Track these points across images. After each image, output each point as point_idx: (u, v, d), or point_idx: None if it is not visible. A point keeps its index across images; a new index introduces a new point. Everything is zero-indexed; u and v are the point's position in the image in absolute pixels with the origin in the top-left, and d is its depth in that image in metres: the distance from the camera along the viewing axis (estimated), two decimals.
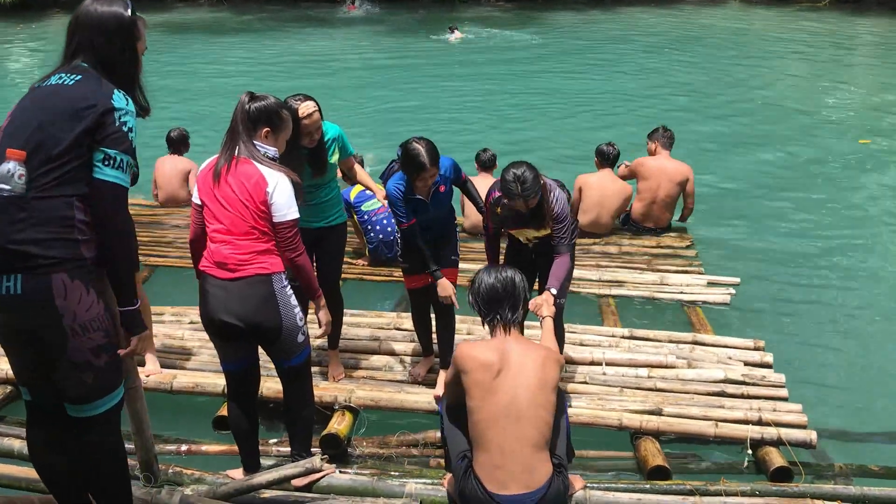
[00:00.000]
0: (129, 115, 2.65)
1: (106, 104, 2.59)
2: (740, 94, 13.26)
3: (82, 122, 2.56)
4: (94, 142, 2.58)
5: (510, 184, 3.79)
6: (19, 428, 4.06)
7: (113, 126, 2.59)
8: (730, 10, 22.83)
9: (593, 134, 10.08)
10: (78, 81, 2.63)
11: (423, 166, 3.93)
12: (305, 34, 20.18)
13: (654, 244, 6.84)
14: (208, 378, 4.42)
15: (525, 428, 3.03)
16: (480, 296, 3.33)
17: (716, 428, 4.00)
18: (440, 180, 4.15)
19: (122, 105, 2.63)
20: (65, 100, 2.59)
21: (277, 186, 3.20)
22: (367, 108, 12.37)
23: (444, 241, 4.33)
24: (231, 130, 3.28)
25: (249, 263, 3.19)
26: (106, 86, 2.65)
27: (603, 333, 5.04)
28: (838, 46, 17.79)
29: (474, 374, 3.09)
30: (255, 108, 3.27)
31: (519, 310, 3.32)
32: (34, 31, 20.67)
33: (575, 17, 22.03)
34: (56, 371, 2.69)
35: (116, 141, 2.60)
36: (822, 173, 9.35)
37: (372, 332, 5.04)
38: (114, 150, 2.60)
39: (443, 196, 4.22)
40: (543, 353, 3.21)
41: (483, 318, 3.33)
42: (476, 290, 3.36)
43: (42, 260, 2.53)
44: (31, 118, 2.60)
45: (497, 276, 3.35)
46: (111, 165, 2.60)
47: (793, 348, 5.22)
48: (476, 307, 3.37)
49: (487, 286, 3.32)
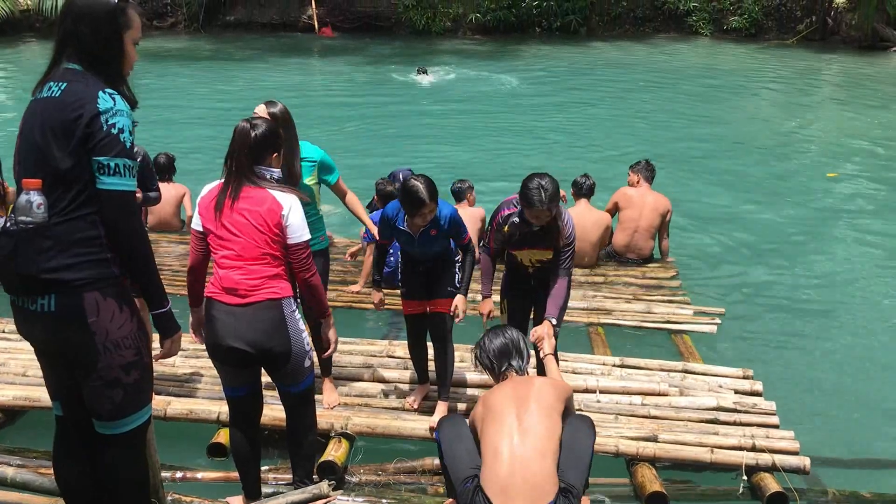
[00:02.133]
0: (118, 114, 2.56)
1: (91, 110, 2.52)
2: (713, 129, 13.53)
3: (75, 136, 2.51)
4: (89, 151, 2.53)
5: (533, 192, 3.81)
6: (9, 455, 4.01)
7: (101, 132, 2.52)
8: (701, 46, 23.32)
9: (569, 166, 10.19)
10: (64, 90, 2.57)
11: (422, 202, 3.91)
12: (282, 63, 20.25)
13: (639, 274, 6.92)
14: (202, 405, 4.38)
15: (530, 448, 3.13)
16: (490, 354, 3.55)
17: (711, 454, 4.04)
18: (433, 224, 4.09)
19: (109, 106, 2.55)
20: (55, 114, 2.54)
21: (292, 209, 3.21)
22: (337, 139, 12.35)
23: (440, 273, 4.33)
24: (234, 158, 3.24)
25: (260, 288, 3.19)
26: (91, 87, 2.56)
27: (595, 361, 5.08)
28: (806, 82, 18.24)
29: (483, 415, 3.32)
30: (260, 135, 3.25)
31: (525, 360, 3.55)
32: (7, 56, 20.52)
33: (549, 51, 22.34)
34: (86, 387, 2.68)
35: (107, 147, 2.54)
36: (797, 205, 9.56)
37: (364, 360, 5.04)
38: (105, 156, 2.54)
39: (432, 238, 4.16)
40: (540, 380, 3.47)
41: (496, 373, 3.55)
42: (484, 352, 3.58)
43: (76, 282, 2.53)
44: (33, 140, 2.59)
45: (502, 336, 3.59)
46: (107, 173, 2.55)
47: (780, 376, 5.30)
48: (487, 367, 3.58)
49: (497, 346, 3.56)
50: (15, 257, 2.56)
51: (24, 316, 2.65)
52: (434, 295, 4.32)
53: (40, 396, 4.28)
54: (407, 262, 4.39)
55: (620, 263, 7.17)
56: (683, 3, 24.74)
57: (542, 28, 24.99)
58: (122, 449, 2.81)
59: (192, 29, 25.17)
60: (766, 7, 24.52)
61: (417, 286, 4.35)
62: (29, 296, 2.58)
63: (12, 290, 2.66)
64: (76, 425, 2.86)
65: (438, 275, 4.31)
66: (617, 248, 7.23)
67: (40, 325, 2.62)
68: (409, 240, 4.19)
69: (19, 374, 4.69)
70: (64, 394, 2.82)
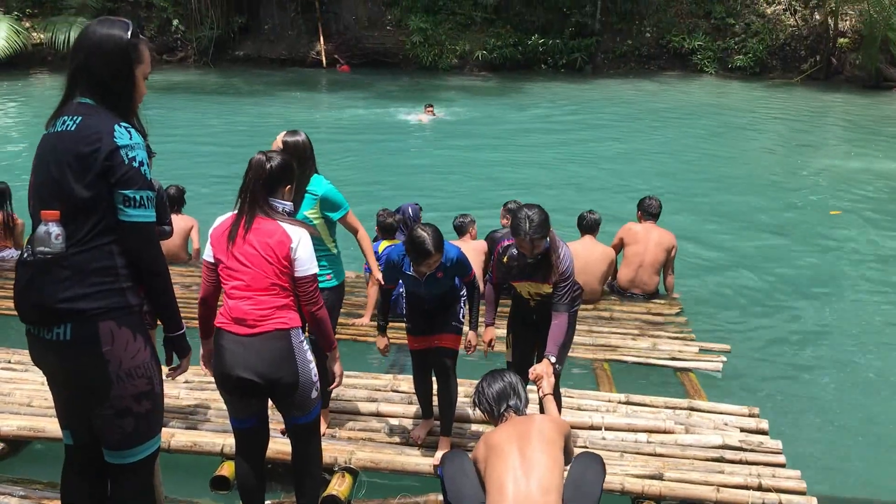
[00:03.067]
0: (136, 147, 2.63)
1: (109, 144, 2.57)
2: (717, 166, 13.62)
3: (92, 169, 2.56)
4: (110, 185, 2.59)
5: (520, 221, 3.89)
6: (12, 486, 4.00)
7: (123, 166, 2.59)
8: (707, 84, 23.51)
9: (575, 201, 10.23)
10: (79, 124, 2.62)
11: (429, 253, 3.91)
12: (290, 97, 20.47)
13: (644, 310, 6.92)
14: (206, 437, 4.37)
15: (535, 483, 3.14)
16: (488, 399, 3.59)
17: (717, 493, 4.01)
18: (439, 268, 4.10)
19: (126, 141, 2.61)
20: (71, 147, 2.59)
21: (300, 242, 3.25)
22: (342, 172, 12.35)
23: (445, 308, 4.34)
24: (248, 191, 3.28)
25: (269, 319, 3.20)
26: (105, 121, 2.62)
27: (600, 398, 5.06)
28: (810, 122, 18.36)
29: (485, 454, 3.33)
30: (276, 167, 3.30)
31: (523, 402, 3.59)
32: (19, 89, 20.78)
33: (555, 88, 22.54)
34: (98, 416, 2.70)
35: (131, 180, 2.60)
36: (801, 242, 9.60)
37: (369, 394, 5.03)
38: (131, 189, 2.61)
39: (439, 281, 4.18)
40: (539, 416, 3.51)
41: (495, 416, 3.58)
42: (483, 396, 3.62)
43: (91, 311, 2.56)
44: (50, 172, 2.63)
45: (500, 380, 3.63)
46: (133, 206, 2.62)
47: (787, 414, 5.29)
48: (486, 411, 3.62)
49: (496, 390, 3.60)
50: (32, 287, 2.60)
51: (39, 344, 2.68)
52: (438, 330, 4.33)
53: (45, 427, 4.28)
54: (412, 300, 4.41)
55: (625, 298, 7.17)
56: (688, 41, 25.01)
57: (547, 65, 25.27)
58: (132, 478, 2.82)
59: (202, 63, 25.49)
60: (770, 46, 24.78)
61: (422, 322, 4.36)
62: (45, 325, 2.61)
63: (28, 320, 2.69)
64: (86, 454, 2.87)
65: (443, 310, 4.33)
66: (622, 283, 7.23)
67: (55, 354, 2.64)
68: (415, 283, 4.22)
69: (24, 405, 4.69)
70: (74, 423, 2.84)
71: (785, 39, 24.98)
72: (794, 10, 25.00)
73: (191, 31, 25.76)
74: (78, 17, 22.95)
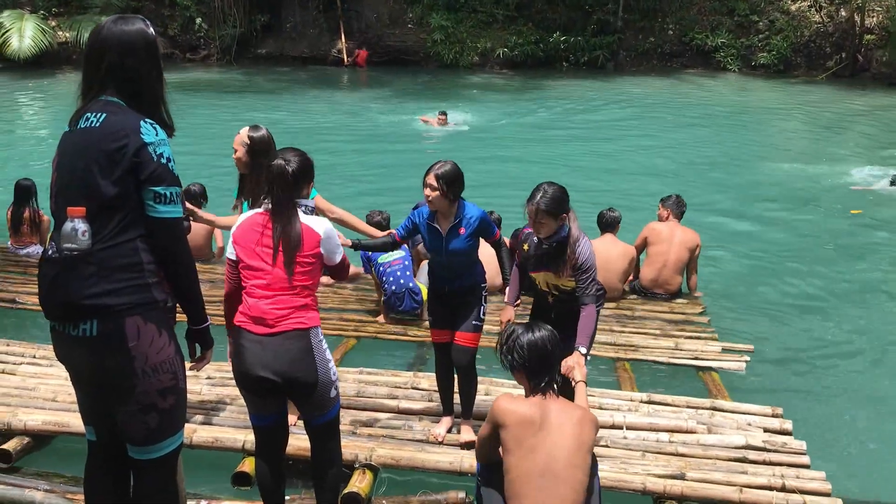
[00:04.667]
0: (162, 144, 2.66)
1: (136, 141, 2.59)
2: (740, 164, 13.48)
3: (120, 166, 2.58)
4: (139, 182, 2.60)
5: (536, 190, 3.98)
6: (37, 480, 4.04)
7: (152, 163, 2.61)
8: (729, 81, 23.31)
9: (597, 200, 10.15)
10: (104, 120, 2.63)
11: (427, 173, 4.14)
12: (311, 95, 20.53)
13: (666, 310, 6.87)
14: (227, 433, 4.39)
15: (562, 488, 3.02)
16: (524, 353, 3.23)
17: (740, 494, 3.97)
18: (460, 223, 4.22)
19: (152, 137, 2.63)
20: (97, 144, 2.60)
21: (326, 234, 3.33)
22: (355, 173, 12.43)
23: (466, 304, 4.36)
24: (273, 195, 3.30)
25: (288, 318, 3.22)
26: (131, 119, 2.63)
27: (621, 397, 5.04)
28: (833, 118, 18.14)
29: (513, 429, 3.09)
30: (297, 170, 3.33)
31: (556, 369, 3.33)
32: (45, 87, 21.00)
33: (577, 85, 22.44)
34: (122, 412, 2.71)
35: (161, 177, 2.63)
36: (825, 242, 9.50)
37: (389, 391, 5.03)
38: (161, 186, 2.63)
39: (460, 238, 4.25)
40: (581, 413, 3.22)
41: (531, 379, 3.24)
42: (515, 346, 3.27)
43: (118, 307, 2.58)
44: (73, 168, 2.64)
45: (538, 332, 3.27)
46: (163, 202, 2.65)
47: (811, 415, 5.23)
48: (515, 363, 3.28)
49: (530, 343, 3.24)
50: (58, 284, 2.62)
51: (65, 341, 2.69)
52: (458, 327, 4.37)
53: (69, 422, 4.32)
54: (433, 291, 4.46)
55: (647, 298, 7.13)
56: (711, 39, 24.81)
57: (569, 63, 25.15)
58: (155, 474, 2.84)
59: (225, 61, 25.63)
60: (794, 43, 24.51)
61: (444, 315, 4.41)
62: (71, 321, 2.62)
63: (54, 316, 2.70)
64: (108, 450, 2.89)
65: (465, 306, 4.36)
66: (644, 282, 7.19)
67: (81, 350, 2.65)
68: (436, 238, 4.27)
69: (49, 400, 4.73)
70: (97, 419, 2.86)
71: (810, 36, 24.71)
72: (820, 7, 24.69)
73: (213, 30, 25.89)
74: (102, 15, 23.11)
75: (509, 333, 3.36)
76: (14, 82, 20.93)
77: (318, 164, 3.57)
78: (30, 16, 23.11)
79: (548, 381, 3.24)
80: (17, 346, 5.58)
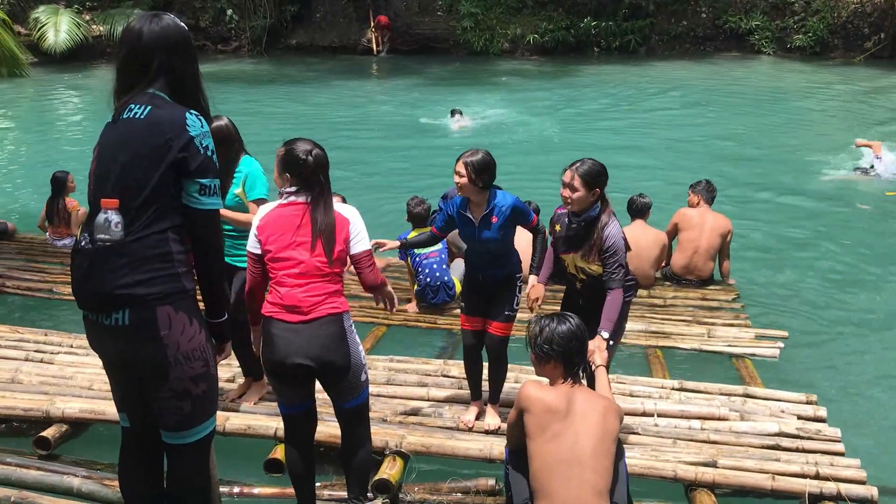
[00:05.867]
0: (206, 135, 2.71)
1: (183, 135, 2.64)
2: (774, 149, 13.24)
3: (165, 158, 2.61)
4: (182, 175, 2.64)
5: (576, 160, 4.04)
6: (75, 467, 4.13)
7: (198, 155, 2.65)
8: (764, 65, 22.93)
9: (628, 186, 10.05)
10: (149, 113, 2.67)
11: (459, 157, 4.17)
12: (340, 85, 20.55)
13: (699, 296, 6.81)
14: (260, 420, 4.44)
15: (587, 475, 3.02)
16: (563, 342, 3.31)
17: (773, 481, 3.93)
18: (493, 211, 4.22)
19: (198, 130, 2.68)
20: (141, 136, 2.64)
21: (354, 221, 3.41)
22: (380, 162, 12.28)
23: (501, 293, 4.37)
24: (304, 181, 3.34)
25: (322, 304, 3.27)
26: (177, 112, 2.68)
27: (653, 385, 5.01)
28: (871, 102, 17.75)
29: (539, 417, 3.11)
30: (318, 159, 3.36)
31: (585, 357, 3.35)
32: (79, 80, 21.29)
33: (608, 70, 22.21)
34: (156, 399, 2.76)
35: (207, 169, 2.69)
36: (861, 228, 9.32)
37: (419, 378, 5.05)
38: (207, 178, 2.69)
39: (493, 227, 4.24)
40: (605, 402, 3.24)
41: (567, 368, 3.31)
42: (553, 337, 3.33)
43: (149, 296, 2.62)
44: (114, 159, 2.67)
45: (572, 322, 3.37)
46: (207, 194, 2.70)
47: (846, 402, 5.16)
48: (547, 353, 3.33)
49: (568, 332, 3.33)
50: (91, 275, 2.66)
51: (98, 330, 2.74)
52: (492, 316, 4.39)
53: (105, 410, 4.40)
54: (469, 278, 4.48)
55: (680, 285, 7.06)
56: (745, 21, 24.41)
57: (600, 48, 24.90)
58: (189, 458, 2.90)
59: (256, 52, 25.77)
60: (831, 24, 24.01)
61: (478, 302, 4.42)
62: (103, 311, 2.67)
63: (87, 306, 2.75)
64: (143, 436, 2.94)
65: (499, 295, 4.37)
66: (676, 269, 7.12)
67: (113, 339, 2.70)
68: (469, 226, 4.29)
69: (85, 388, 4.82)
70: (131, 406, 2.91)
71: (847, 17, 24.15)
72: None
73: (244, 21, 26.02)
74: (135, 8, 23.40)
75: (543, 326, 3.40)
76: (50, 76, 21.22)
77: (345, 155, 3.62)
78: (64, 10, 23.39)
79: (580, 368, 3.28)
80: (54, 336, 5.69)
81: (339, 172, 3.70)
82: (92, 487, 3.89)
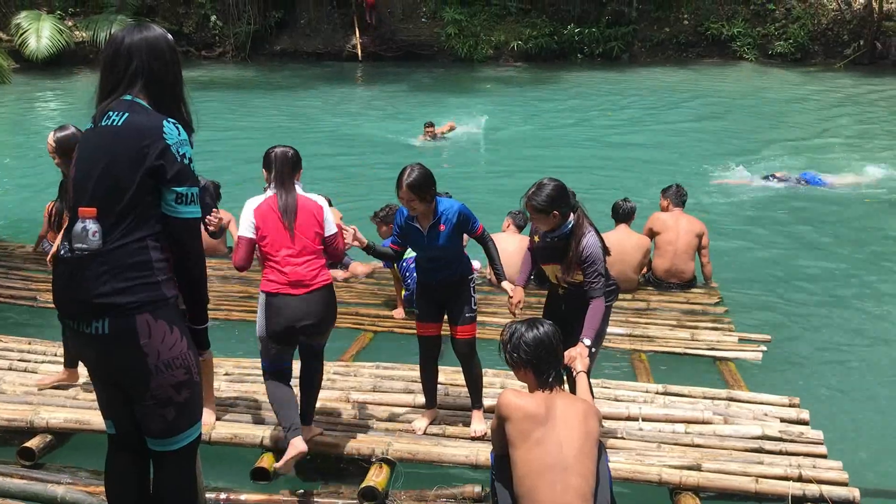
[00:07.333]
0: (184, 143, 2.71)
1: (159, 142, 2.63)
2: (756, 154, 13.33)
3: (142, 165, 2.61)
4: (160, 182, 2.64)
5: (534, 185, 4.05)
6: (59, 474, 4.11)
7: (175, 163, 2.64)
8: (745, 71, 23.13)
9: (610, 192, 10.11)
10: (126, 120, 2.66)
11: (399, 187, 4.13)
12: (324, 91, 20.54)
13: (682, 300, 6.86)
14: (246, 429, 4.43)
15: (572, 480, 3.04)
16: (529, 350, 3.28)
17: (756, 484, 3.97)
18: (439, 220, 4.22)
19: (175, 138, 2.67)
20: (118, 143, 2.63)
21: (325, 207, 4.13)
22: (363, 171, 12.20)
23: (457, 297, 4.38)
24: (281, 175, 4.04)
25: (318, 276, 4.03)
26: (153, 118, 2.68)
27: (637, 389, 5.04)
28: (851, 107, 17.94)
29: (519, 424, 3.12)
30: (294, 156, 4.12)
31: (561, 363, 3.39)
32: (62, 86, 21.19)
33: (591, 76, 22.34)
34: (140, 406, 2.76)
35: (183, 177, 2.68)
36: (842, 230, 9.45)
37: (406, 385, 5.06)
38: (183, 186, 2.68)
39: (441, 234, 4.25)
40: (584, 405, 3.29)
41: (538, 375, 3.28)
42: (520, 344, 3.30)
43: (128, 305, 2.61)
44: (93, 167, 2.67)
45: (541, 329, 3.32)
46: (185, 202, 2.69)
47: (828, 404, 5.20)
48: (519, 361, 3.31)
49: (535, 340, 3.28)
50: (71, 283, 2.66)
51: (79, 339, 2.74)
52: (454, 321, 4.40)
53: (90, 419, 4.38)
54: (421, 284, 4.49)
55: (662, 289, 7.11)
56: (727, 28, 24.63)
57: (583, 55, 25.06)
58: (175, 464, 2.90)
59: (240, 58, 25.73)
60: (812, 31, 24.27)
61: (432, 309, 4.44)
62: (83, 319, 2.67)
63: (67, 315, 2.75)
64: (128, 443, 2.94)
65: (455, 299, 4.37)
66: (658, 273, 7.17)
67: (94, 348, 2.70)
68: (418, 236, 4.29)
69: (70, 398, 4.79)
70: (116, 413, 2.91)
71: (827, 24, 24.46)
72: None
73: (228, 27, 26.02)
74: (118, 14, 23.33)
75: (512, 332, 3.38)
76: (32, 82, 21.09)
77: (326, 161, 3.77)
78: (47, 16, 23.25)
79: (554, 375, 3.28)
80: (38, 345, 5.66)
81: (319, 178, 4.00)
82: (77, 496, 3.86)
